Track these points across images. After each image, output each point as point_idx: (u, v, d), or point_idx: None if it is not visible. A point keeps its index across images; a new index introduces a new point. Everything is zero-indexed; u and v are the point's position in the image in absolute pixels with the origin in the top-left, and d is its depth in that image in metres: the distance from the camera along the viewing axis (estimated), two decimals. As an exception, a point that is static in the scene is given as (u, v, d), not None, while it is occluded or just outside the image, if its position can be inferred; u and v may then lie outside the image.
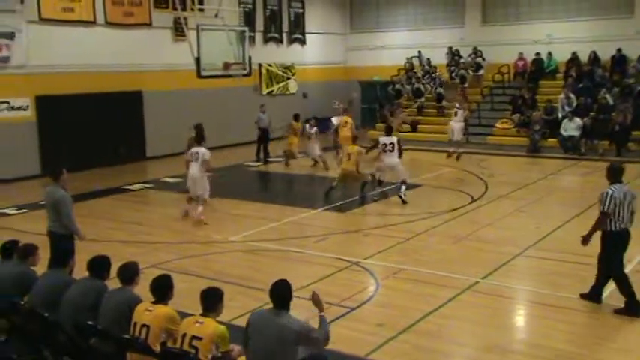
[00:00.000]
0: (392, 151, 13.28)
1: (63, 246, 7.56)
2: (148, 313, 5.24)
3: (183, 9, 17.85)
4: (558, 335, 6.90)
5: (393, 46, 26.78)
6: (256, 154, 19.93)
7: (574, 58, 22.57)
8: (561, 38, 23.11)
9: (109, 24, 18.76)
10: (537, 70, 23.30)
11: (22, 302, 5.97)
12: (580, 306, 7.63)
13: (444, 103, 23.26)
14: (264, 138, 19.85)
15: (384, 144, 13.36)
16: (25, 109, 17.18)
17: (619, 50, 21.73)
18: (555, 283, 8.46)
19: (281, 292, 5.01)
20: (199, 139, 12.64)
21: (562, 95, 20.88)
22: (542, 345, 6.73)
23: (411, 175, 16.48)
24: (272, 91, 24.87)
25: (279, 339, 4.80)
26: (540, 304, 7.88)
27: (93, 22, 18.38)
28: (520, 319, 7.85)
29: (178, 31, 19.82)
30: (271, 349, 4.81)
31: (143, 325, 5.19)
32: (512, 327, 7.55)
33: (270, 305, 5.00)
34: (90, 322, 5.42)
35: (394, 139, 13.45)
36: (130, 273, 5.74)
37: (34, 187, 14.86)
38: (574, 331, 7.01)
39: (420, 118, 23.69)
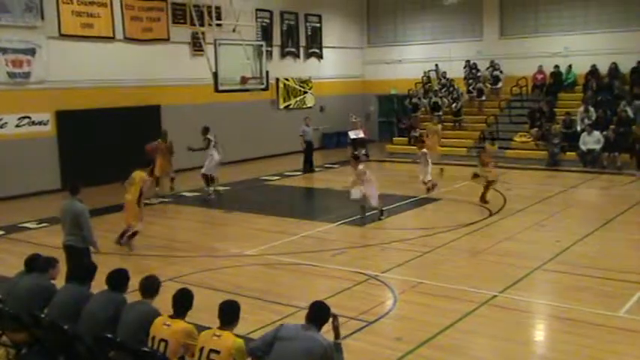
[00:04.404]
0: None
1: (83, 260, 7.63)
2: (166, 328, 5.26)
3: (201, 24, 18.08)
4: (578, 350, 6.80)
5: (410, 60, 26.80)
6: (303, 165, 20.21)
7: (593, 71, 22.40)
8: (580, 50, 22.95)
9: (127, 39, 19.03)
10: (556, 83, 23.15)
11: (43, 315, 6.03)
12: (599, 320, 7.51)
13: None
14: (309, 150, 20.03)
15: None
16: (45, 124, 17.43)
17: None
18: (575, 298, 8.36)
19: (319, 312, 5.08)
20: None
21: (581, 108, 20.72)
22: (562, 360, 6.64)
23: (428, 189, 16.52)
24: (289, 105, 24.99)
25: (306, 350, 4.80)
26: (560, 319, 7.79)
27: (112, 38, 18.65)
28: (539, 333, 7.75)
29: (196, 46, 20.07)
30: (296, 358, 4.79)
31: (161, 340, 5.21)
32: (531, 342, 7.45)
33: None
34: (109, 335, 5.46)
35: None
36: (152, 286, 5.79)
37: (54, 201, 14.99)
38: (593, 346, 6.90)
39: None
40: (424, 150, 15.92)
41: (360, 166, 13.18)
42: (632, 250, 10.70)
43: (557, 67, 23.16)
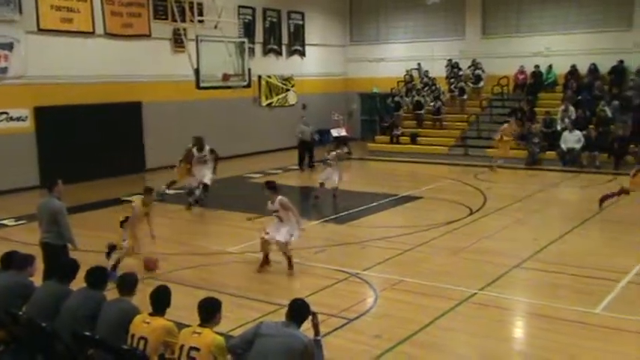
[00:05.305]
0: None
1: (60, 258, 7.55)
2: (145, 326, 5.25)
3: (183, 20, 17.96)
4: (556, 347, 6.87)
5: (393, 58, 26.89)
6: (299, 164, 20.06)
7: (573, 71, 22.66)
8: (560, 51, 23.20)
9: (108, 35, 18.84)
10: (536, 83, 23.37)
11: (21, 313, 5.96)
12: (577, 318, 7.61)
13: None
14: (307, 148, 20.03)
15: None
16: (23, 120, 17.21)
17: (621, 62, 21.81)
18: (553, 295, 8.46)
19: (298, 310, 5.11)
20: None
21: (561, 108, 20.94)
22: (539, 357, 6.72)
23: (409, 187, 16.60)
24: (271, 102, 24.94)
25: (286, 347, 4.82)
26: (538, 316, 7.88)
27: (92, 33, 18.45)
28: (518, 330, 7.83)
29: (178, 42, 19.93)
30: (276, 355, 4.80)
31: (141, 338, 5.20)
32: (510, 339, 7.52)
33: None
34: (88, 333, 5.41)
35: None
36: (129, 284, 5.77)
37: (32, 198, 14.75)
38: (571, 342, 6.98)
39: (420, 130, 23.73)
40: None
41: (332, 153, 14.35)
42: (609, 249, 10.84)
43: (537, 66, 23.37)
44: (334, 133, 22.91)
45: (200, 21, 17.49)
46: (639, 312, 7.68)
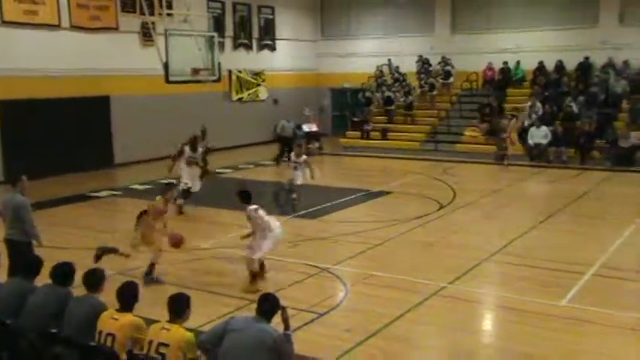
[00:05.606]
0: None
1: (24, 254, 7.40)
2: (113, 322, 5.18)
3: (151, 13, 17.69)
4: (524, 339, 6.98)
5: (364, 54, 26.95)
6: (277, 159, 19.77)
7: (541, 67, 22.98)
8: (528, 47, 23.50)
9: (74, 27, 18.52)
10: (505, 79, 23.66)
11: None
12: (544, 310, 7.73)
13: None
14: (286, 144, 19.79)
15: None
16: (-13, 114, 16.84)
17: (587, 58, 22.19)
18: (520, 288, 8.57)
19: (268, 304, 5.11)
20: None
21: (528, 104, 21.24)
22: (508, 349, 6.81)
23: (380, 182, 16.68)
24: (242, 97, 24.81)
25: (256, 341, 4.81)
26: (506, 308, 7.99)
27: (57, 26, 18.11)
28: (486, 323, 7.94)
29: (146, 36, 19.67)
30: (246, 349, 4.79)
31: (108, 334, 5.14)
32: (479, 331, 7.62)
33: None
34: (53, 330, 5.32)
35: None
36: (95, 280, 5.69)
37: (-3, 194, 14.54)
38: (537, 334, 7.10)
39: (391, 125, 23.84)
40: None
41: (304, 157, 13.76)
42: (575, 242, 11.04)
43: (506, 63, 23.65)
44: (305, 128, 22.89)
45: (169, 14, 17.26)
46: (602, 303, 7.85)
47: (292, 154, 14.38)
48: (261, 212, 8.63)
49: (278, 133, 20.42)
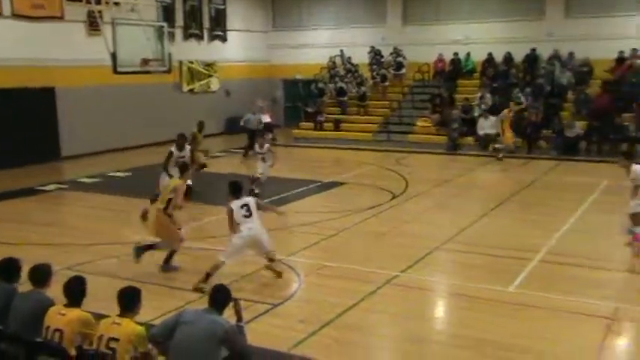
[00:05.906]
0: None
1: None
2: (60, 317, 5.07)
3: (97, 2, 17.20)
4: (476, 325, 7.13)
5: (316, 45, 26.92)
6: (245, 152, 19.40)
7: (490, 59, 23.39)
8: (478, 39, 23.89)
9: (15, 16, 17.87)
10: (455, 70, 24.00)
11: None
12: (492, 296, 7.91)
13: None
14: (250, 136, 19.42)
15: None
16: None
17: (533, 50, 22.68)
18: (471, 275, 8.75)
19: (219, 296, 5.10)
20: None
21: (478, 94, 21.61)
22: (460, 335, 6.93)
23: (334, 173, 16.74)
24: (193, 88, 24.48)
25: (207, 332, 4.79)
26: (457, 295, 8.14)
27: (-2, 14, 17.48)
28: (439, 310, 8.08)
29: (93, 25, 19.16)
30: (198, 341, 4.77)
31: (56, 330, 5.03)
32: (432, 318, 7.74)
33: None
34: (-1, 327, 5.17)
35: None
36: (41, 275, 5.56)
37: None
38: (487, 319, 7.26)
39: (344, 116, 23.92)
40: None
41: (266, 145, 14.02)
42: (524, 229, 11.31)
43: (456, 54, 23.99)
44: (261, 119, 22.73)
45: (116, 3, 16.84)
46: (547, 288, 8.08)
47: (256, 145, 14.62)
48: (235, 209, 8.43)
49: (242, 126, 20.31)
